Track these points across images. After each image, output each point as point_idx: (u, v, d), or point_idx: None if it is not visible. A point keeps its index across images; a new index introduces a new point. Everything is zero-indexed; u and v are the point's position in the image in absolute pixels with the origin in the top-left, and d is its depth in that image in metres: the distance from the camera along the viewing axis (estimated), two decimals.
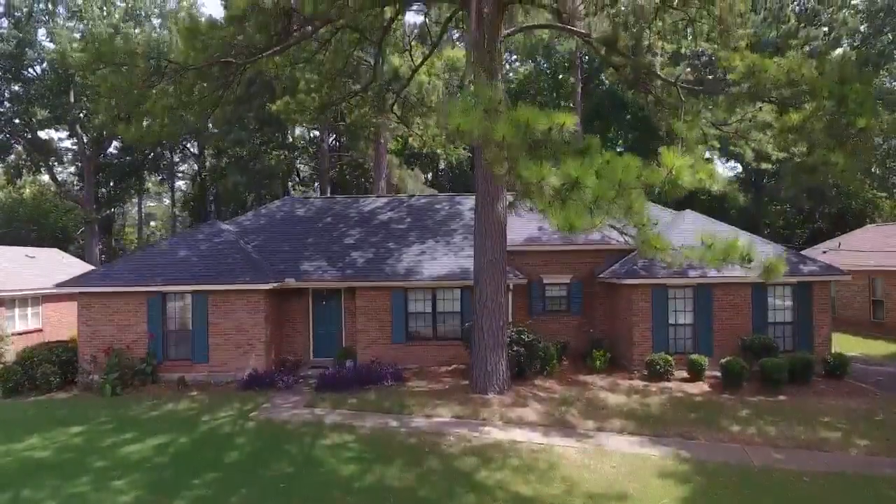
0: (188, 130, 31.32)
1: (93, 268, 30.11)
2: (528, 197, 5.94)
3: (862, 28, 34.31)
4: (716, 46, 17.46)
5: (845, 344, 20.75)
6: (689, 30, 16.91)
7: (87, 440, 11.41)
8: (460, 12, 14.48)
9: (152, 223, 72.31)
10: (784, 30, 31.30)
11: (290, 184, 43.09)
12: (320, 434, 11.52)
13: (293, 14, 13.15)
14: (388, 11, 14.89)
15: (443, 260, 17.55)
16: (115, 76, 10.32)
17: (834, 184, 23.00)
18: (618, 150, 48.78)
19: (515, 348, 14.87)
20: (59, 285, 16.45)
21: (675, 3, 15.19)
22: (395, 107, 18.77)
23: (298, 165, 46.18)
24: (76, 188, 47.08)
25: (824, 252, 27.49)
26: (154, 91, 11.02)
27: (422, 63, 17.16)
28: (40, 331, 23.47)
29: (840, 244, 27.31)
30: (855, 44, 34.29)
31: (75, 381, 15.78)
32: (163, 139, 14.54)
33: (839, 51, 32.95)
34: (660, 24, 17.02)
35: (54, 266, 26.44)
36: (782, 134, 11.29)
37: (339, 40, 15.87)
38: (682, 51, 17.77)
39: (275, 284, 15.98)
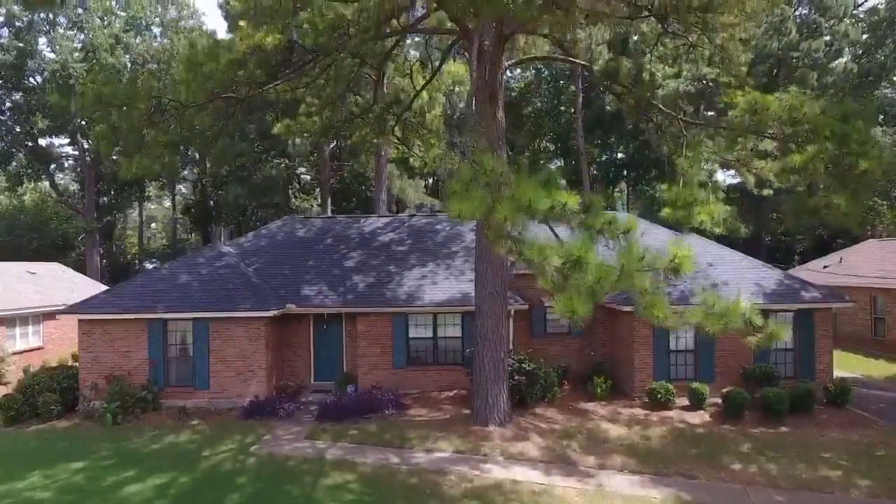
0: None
1: (93, 282, 30.17)
2: (529, 267, 5.93)
3: (864, 37, 34.25)
4: (717, 71, 17.47)
5: (846, 363, 20.75)
6: (690, 54, 16.86)
7: (88, 478, 11.41)
8: (461, 41, 14.44)
9: (153, 225, 72.41)
10: (785, 42, 31.21)
11: (290, 191, 43.08)
12: (321, 472, 11.51)
13: (294, 46, 13.14)
14: (389, 42, 14.87)
15: (443, 285, 17.53)
16: (116, 117, 10.32)
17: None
18: (618, 156, 48.91)
19: (516, 377, 14.87)
20: (60, 313, 16.45)
21: (676, 30, 15.15)
22: (396, 128, 18.75)
23: (299, 171, 46.15)
24: (77, 196, 47.13)
25: (825, 267, 27.49)
26: (154, 128, 11.01)
27: (423, 87, 17.14)
28: (41, 348, 23.49)
29: (841, 259, 27.29)
30: (857, 55, 34.22)
31: (76, 408, 15.78)
32: (163, 173, 14.52)
33: (840, 61, 32.89)
34: (661, 48, 17.01)
35: (55, 282, 26.46)
36: (784, 174, 11.26)
37: (340, 66, 15.84)
38: (684, 74, 17.71)
39: (276, 312, 15.98)
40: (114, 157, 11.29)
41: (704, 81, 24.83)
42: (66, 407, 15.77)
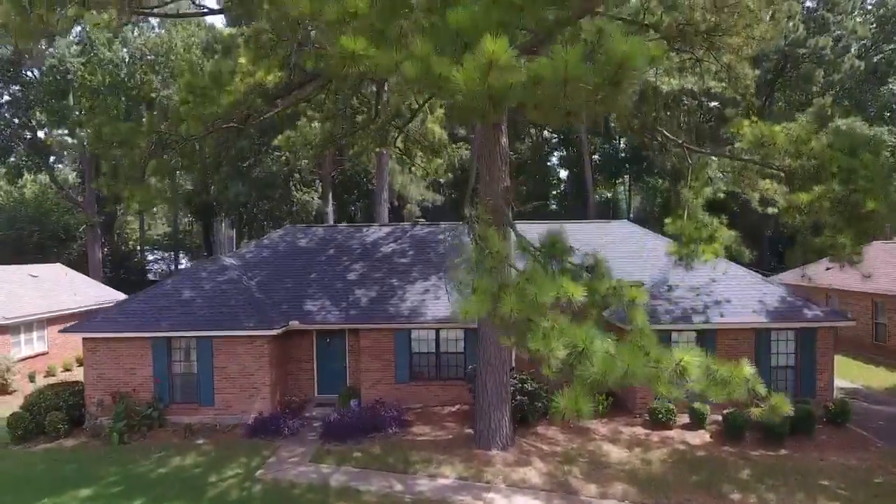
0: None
1: (94, 282, 30.25)
2: (533, 357, 5.94)
3: (871, 30, 33.73)
4: (724, 85, 17.25)
5: (846, 370, 20.88)
6: (696, 68, 16.63)
7: None
8: None
9: (154, 210, 72.33)
10: (792, 38, 30.76)
11: (291, 184, 42.86)
12: (326, 501, 11.67)
13: (294, 69, 12.97)
14: None
15: (446, 299, 17.55)
16: (118, 152, 10.26)
17: None
18: (620, 145, 48.47)
19: (519, 398, 14.98)
20: (64, 331, 16.50)
21: (682, 47, 14.93)
22: (398, 140, 18.61)
23: (300, 164, 45.85)
24: (77, 189, 46.97)
25: (827, 269, 27.41)
26: (156, 161, 10.96)
27: (425, 102, 16.96)
28: (46, 353, 23.69)
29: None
30: (866, 49, 33.76)
31: (83, 425, 15.94)
32: (165, 203, 14.50)
33: (848, 56, 32.45)
34: (666, 61, 16.78)
35: (58, 285, 26.56)
36: (790, 211, 11.20)
37: (341, 82, 15.66)
38: (691, 87, 17.50)
39: (279, 331, 16.04)
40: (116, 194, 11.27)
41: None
42: (73, 423, 15.93)
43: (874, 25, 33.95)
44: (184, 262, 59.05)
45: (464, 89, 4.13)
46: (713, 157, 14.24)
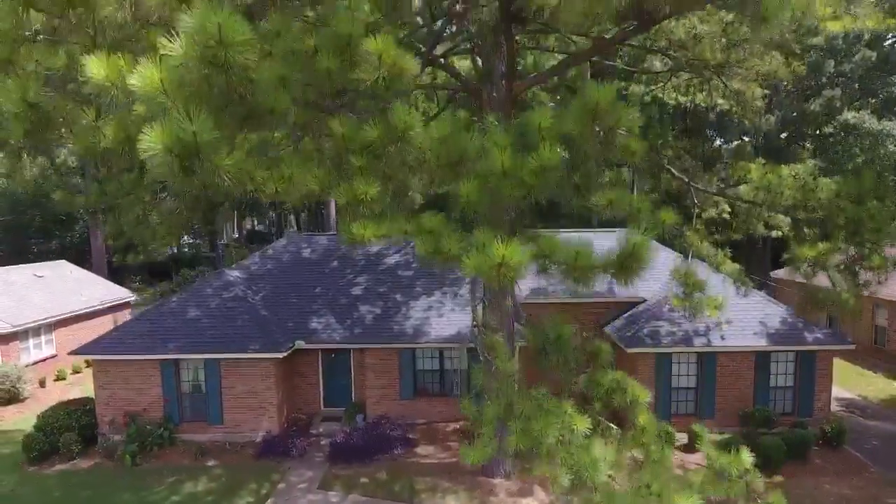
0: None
1: (100, 279, 30.41)
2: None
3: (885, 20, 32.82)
4: (732, 103, 16.98)
5: (845, 377, 21.18)
6: (704, 86, 16.36)
7: None
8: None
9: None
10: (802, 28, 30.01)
11: None
12: None
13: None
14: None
15: (450, 316, 17.71)
16: (122, 218, 10.31)
17: None
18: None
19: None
20: (72, 353, 16.72)
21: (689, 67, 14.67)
22: None
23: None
24: (79, 174, 46.72)
25: None
26: (158, 210, 10.98)
27: (431, 119, 16.72)
28: (55, 356, 24.03)
29: None
30: (877, 36, 32.94)
31: (96, 444, 16.30)
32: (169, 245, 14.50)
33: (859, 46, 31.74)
34: (675, 80, 16.52)
35: (64, 284, 26.73)
36: (795, 261, 11.20)
37: None
38: (700, 104, 17.24)
39: (285, 353, 16.26)
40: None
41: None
42: (86, 442, 16.30)
43: (887, 15, 33.09)
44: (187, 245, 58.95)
45: (473, 272, 4.17)
46: (720, 197, 14.20)
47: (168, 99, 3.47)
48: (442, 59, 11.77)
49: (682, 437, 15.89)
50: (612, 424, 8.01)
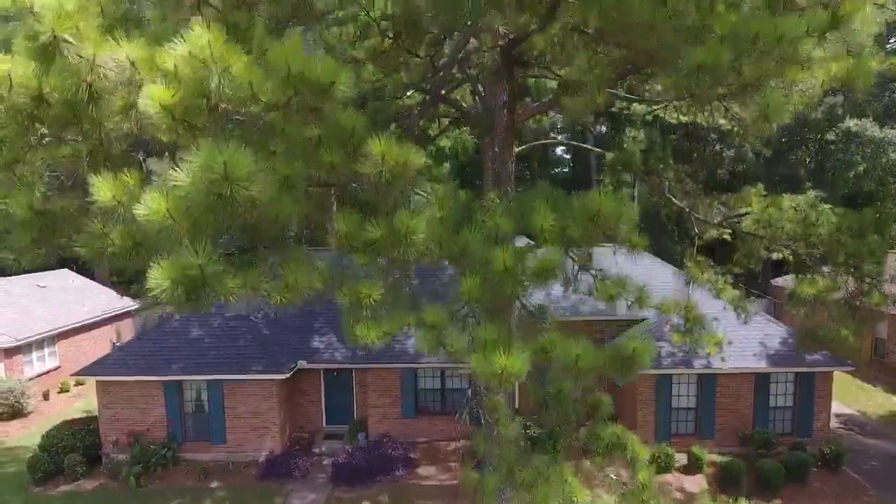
0: None
1: (102, 287, 30.48)
2: None
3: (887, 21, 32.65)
4: (734, 124, 16.93)
5: (844, 389, 21.24)
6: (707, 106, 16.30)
7: None
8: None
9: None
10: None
11: None
12: None
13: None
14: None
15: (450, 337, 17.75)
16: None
17: None
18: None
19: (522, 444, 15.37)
20: (77, 374, 16.83)
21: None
22: None
23: None
24: None
25: None
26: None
27: (434, 138, 16.76)
28: (58, 368, 24.15)
29: None
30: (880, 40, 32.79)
31: (101, 465, 16.42)
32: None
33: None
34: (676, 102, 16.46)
35: (66, 294, 26.83)
36: (795, 300, 11.22)
37: None
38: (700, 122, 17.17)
39: (288, 374, 16.35)
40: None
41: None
42: (91, 462, 16.41)
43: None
44: None
45: (476, 374, 4.23)
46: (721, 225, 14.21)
47: (174, 224, 3.52)
48: (442, 91, 11.76)
49: (681, 458, 16.00)
50: (612, 476, 8.08)
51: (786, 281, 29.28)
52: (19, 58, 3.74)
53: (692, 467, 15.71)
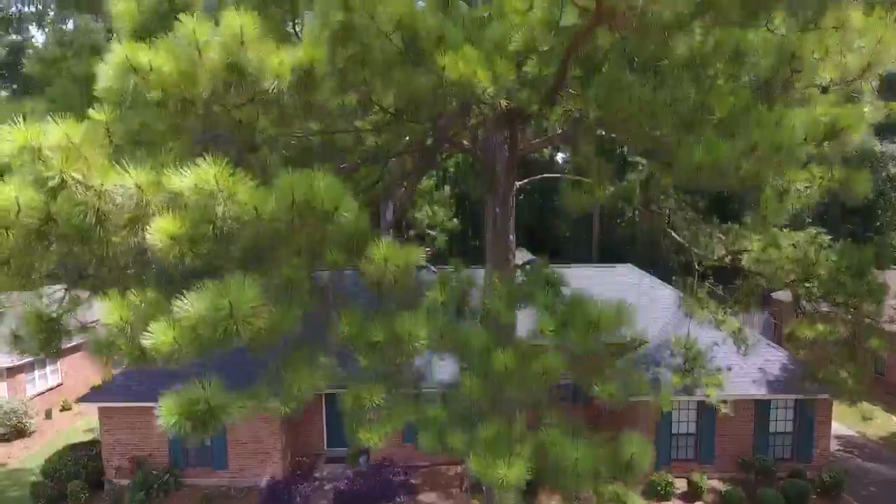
0: None
1: None
2: None
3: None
4: None
5: (843, 408, 21.26)
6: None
7: None
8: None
9: None
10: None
11: None
12: None
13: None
14: None
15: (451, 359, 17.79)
16: None
17: None
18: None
19: None
20: (79, 400, 16.91)
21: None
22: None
23: None
24: None
25: None
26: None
27: (440, 161, 16.85)
28: (60, 385, 24.24)
29: None
30: None
31: (103, 490, 16.50)
32: None
33: None
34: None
35: None
36: (794, 342, 11.28)
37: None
38: None
39: None
40: None
41: None
42: (93, 487, 16.48)
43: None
44: None
45: (479, 477, 4.30)
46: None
47: (182, 351, 3.58)
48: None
49: (681, 485, 16.06)
50: None
51: (786, 294, 29.32)
52: (25, 183, 3.80)
53: (692, 495, 15.77)
